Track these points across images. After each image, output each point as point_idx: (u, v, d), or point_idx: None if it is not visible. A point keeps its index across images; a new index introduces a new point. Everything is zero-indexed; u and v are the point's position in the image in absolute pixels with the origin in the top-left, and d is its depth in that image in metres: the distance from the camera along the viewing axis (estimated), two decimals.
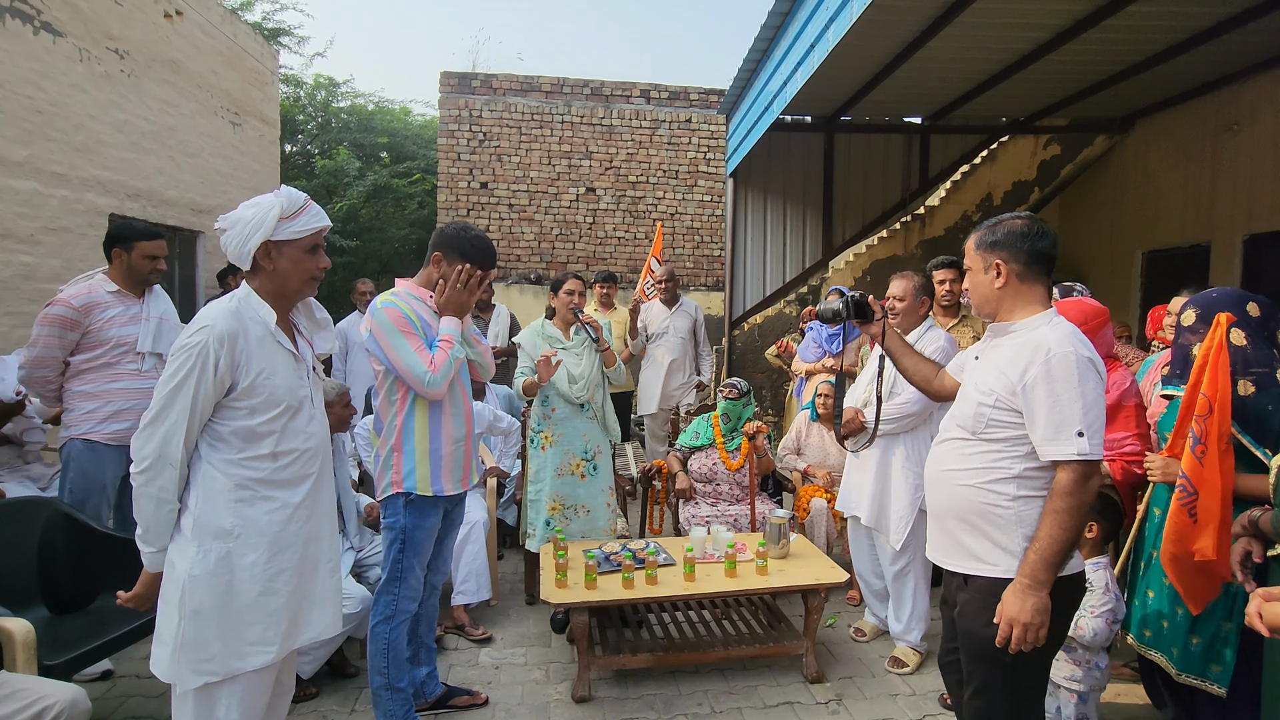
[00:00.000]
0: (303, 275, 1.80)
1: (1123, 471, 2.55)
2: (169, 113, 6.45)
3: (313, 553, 1.82)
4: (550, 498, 3.43)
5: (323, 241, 1.84)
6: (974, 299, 1.90)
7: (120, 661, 2.92)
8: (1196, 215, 6.42)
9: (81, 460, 2.91)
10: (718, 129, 8.63)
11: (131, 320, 2.99)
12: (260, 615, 1.70)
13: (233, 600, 1.67)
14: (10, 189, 4.79)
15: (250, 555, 1.69)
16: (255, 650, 1.70)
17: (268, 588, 1.71)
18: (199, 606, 1.65)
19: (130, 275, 3.00)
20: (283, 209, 1.73)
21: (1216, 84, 6.10)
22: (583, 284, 3.49)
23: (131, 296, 3.02)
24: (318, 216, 1.80)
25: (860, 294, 2.24)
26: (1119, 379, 2.59)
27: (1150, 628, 2.31)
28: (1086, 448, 1.62)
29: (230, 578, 1.67)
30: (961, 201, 8.19)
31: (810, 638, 2.95)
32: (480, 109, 8.34)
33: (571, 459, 3.44)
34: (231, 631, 1.67)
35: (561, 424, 3.44)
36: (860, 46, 4.98)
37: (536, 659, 3.10)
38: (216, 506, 1.68)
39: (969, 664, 1.85)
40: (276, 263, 1.76)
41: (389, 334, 2.28)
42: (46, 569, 2.60)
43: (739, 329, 7.88)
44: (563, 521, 3.43)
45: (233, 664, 1.68)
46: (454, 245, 2.39)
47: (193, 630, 1.64)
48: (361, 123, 12.39)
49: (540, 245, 8.57)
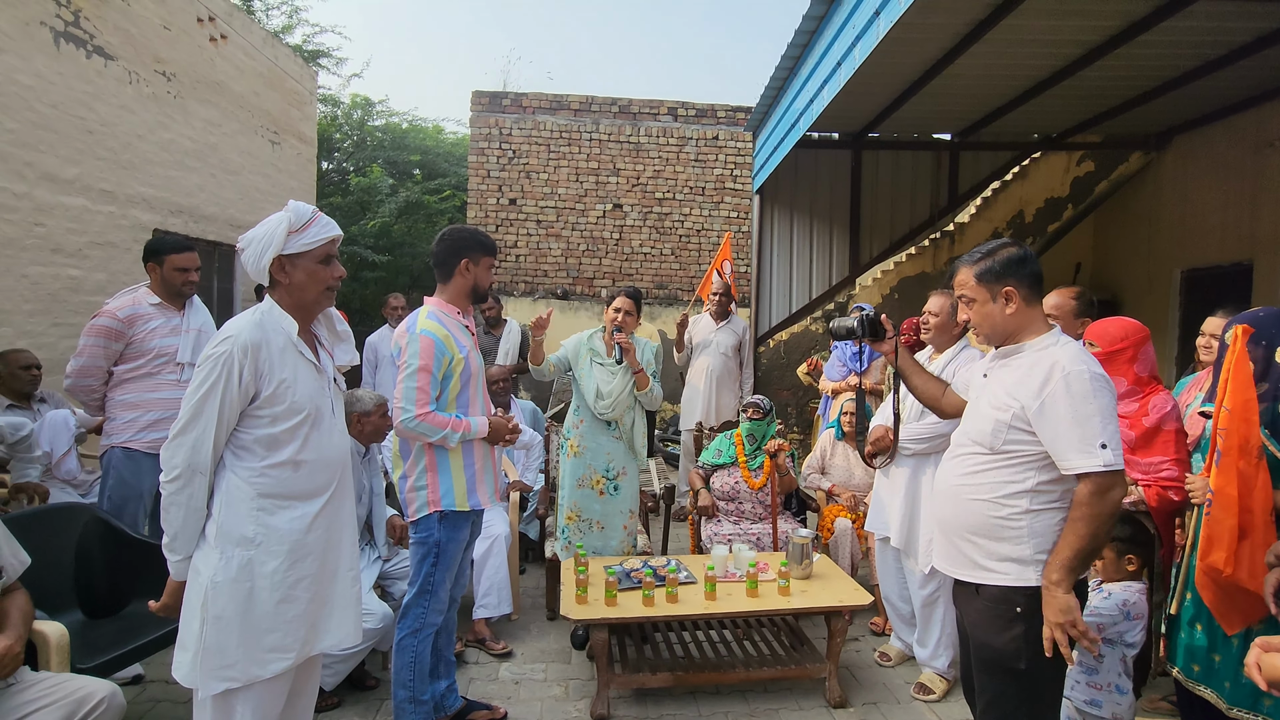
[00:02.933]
0: (319, 285, 1.84)
1: (1158, 498, 2.46)
2: (211, 132, 6.68)
3: (331, 561, 1.85)
4: (569, 506, 3.44)
5: (336, 251, 1.88)
6: (984, 329, 1.93)
7: (151, 666, 2.98)
8: (1238, 233, 6.25)
9: (121, 468, 3.01)
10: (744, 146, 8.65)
11: (172, 331, 3.10)
12: (279, 622, 1.73)
13: (253, 607, 1.71)
14: (61, 205, 4.99)
15: (271, 563, 1.73)
16: (274, 657, 1.73)
17: (288, 595, 1.74)
18: (221, 613, 1.68)
19: (165, 287, 3.12)
20: (290, 223, 1.78)
21: (1256, 99, 5.95)
22: (633, 303, 3.38)
23: (172, 309, 3.14)
24: (327, 227, 1.84)
25: (874, 312, 2.26)
26: (1160, 402, 2.51)
27: (1199, 662, 2.22)
28: (1111, 459, 1.66)
29: (251, 585, 1.71)
30: (992, 219, 8.08)
31: (833, 661, 2.90)
32: (510, 127, 8.48)
33: (593, 474, 3.44)
34: (252, 638, 1.70)
35: (587, 437, 3.45)
36: (888, 64, 4.97)
37: (556, 675, 3.10)
38: (239, 514, 1.72)
39: (981, 675, 1.86)
40: (292, 275, 1.81)
41: (410, 359, 2.32)
42: (82, 574, 2.68)
43: (765, 345, 7.84)
44: (576, 534, 3.43)
45: (253, 671, 1.71)
46: (474, 245, 2.45)
47: (214, 636, 1.68)
48: (395, 141, 12.68)
49: (567, 261, 8.65)
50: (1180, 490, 2.44)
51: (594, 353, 3.46)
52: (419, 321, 2.37)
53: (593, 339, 3.49)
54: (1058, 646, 1.71)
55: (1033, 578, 1.74)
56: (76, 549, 2.68)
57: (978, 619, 1.85)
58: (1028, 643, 1.75)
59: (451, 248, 2.45)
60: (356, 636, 1.93)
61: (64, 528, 2.69)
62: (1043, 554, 1.75)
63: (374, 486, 3.09)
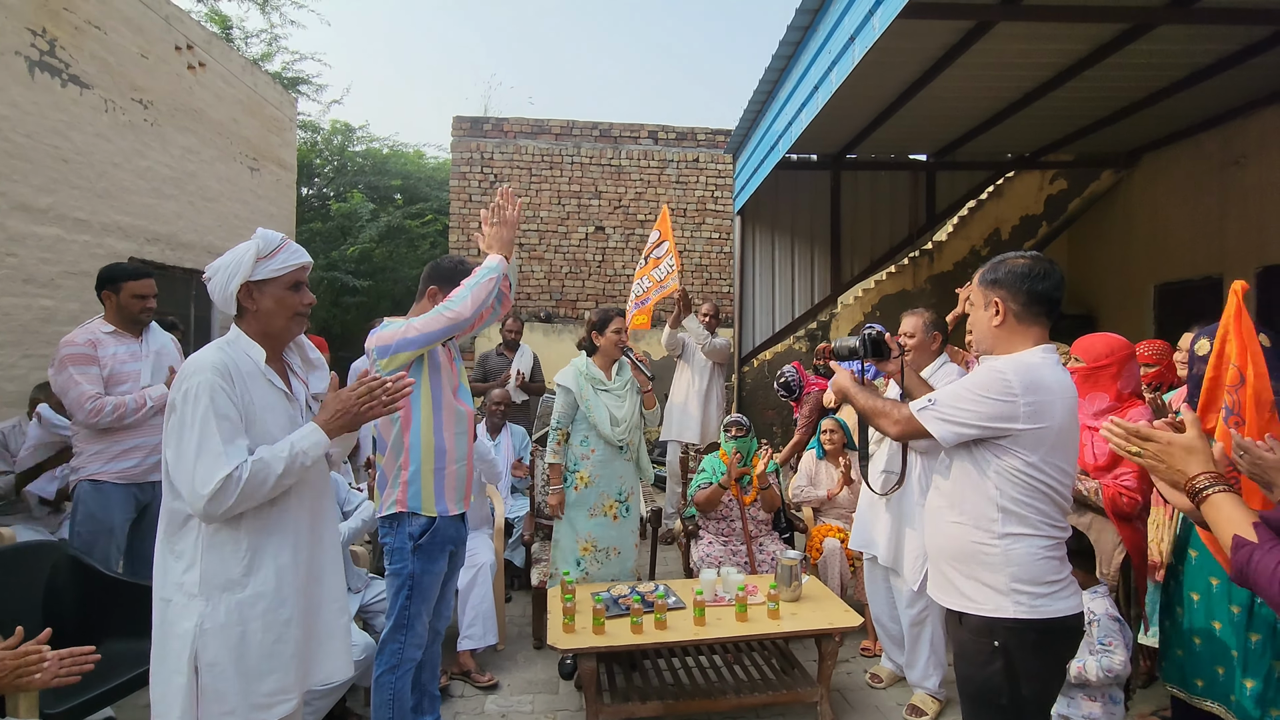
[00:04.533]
0: (286, 312, 1.79)
1: (1112, 501, 2.51)
2: (189, 159, 6.64)
3: (317, 593, 1.80)
4: (584, 539, 3.36)
5: (305, 279, 1.84)
6: (975, 335, 1.93)
7: (122, 709, 2.88)
8: (1207, 248, 6.40)
9: (89, 503, 2.92)
10: (725, 168, 8.75)
11: (132, 358, 3.04)
12: (277, 664, 1.68)
13: (248, 651, 1.65)
14: (34, 235, 4.91)
15: (261, 604, 1.67)
16: (278, 700, 1.68)
17: (281, 635, 1.69)
18: (214, 660, 1.62)
19: (122, 315, 3.05)
20: (258, 250, 1.75)
21: (1221, 118, 6.14)
22: (623, 320, 3.44)
23: (129, 336, 3.07)
24: (296, 254, 1.80)
25: (878, 331, 2.22)
26: (1136, 415, 2.55)
27: (1202, 676, 2.19)
28: (924, 406, 1.80)
29: (243, 629, 1.64)
30: (969, 236, 8.23)
31: (825, 684, 2.87)
32: (491, 151, 8.51)
33: (606, 500, 3.39)
34: (250, 683, 1.64)
35: (600, 466, 3.37)
36: (864, 87, 5.07)
37: (544, 706, 3.03)
38: (223, 557, 1.66)
39: (965, 705, 1.83)
40: (259, 302, 1.76)
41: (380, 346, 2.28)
42: (52, 614, 2.58)
43: (748, 365, 7.86)
44: (593, 565, 3.36)
45: (255, 716, 1.65)
46: (451, 277, 2.42)
47: (211, 681, 1.61)
48: (376, 166, 12.68)
49: (550, 283, 8.65)
50: (1133, 501, 2.50)
51: (595, 381, 3.39)
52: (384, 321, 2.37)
53: (589, 367, 3.41)
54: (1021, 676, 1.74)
55: (1009, 608, 1.70)
56: (46, 588, 2.59)
57: (960, 650, 1.82)
58: (1008, 679, 1.70)
59: (429, 275, 2.46)
60: (349, 669, 1.88)
61: (33, 566, 2.59)
62: (1019, 584, 1.69)
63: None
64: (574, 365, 3.43)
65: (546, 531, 4.19)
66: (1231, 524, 1.19)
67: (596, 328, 3.41)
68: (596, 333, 3.41)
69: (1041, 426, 1.69)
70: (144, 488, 3.03)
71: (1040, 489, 1.72)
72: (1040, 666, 1.72)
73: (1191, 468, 1.27)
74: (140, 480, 3.00)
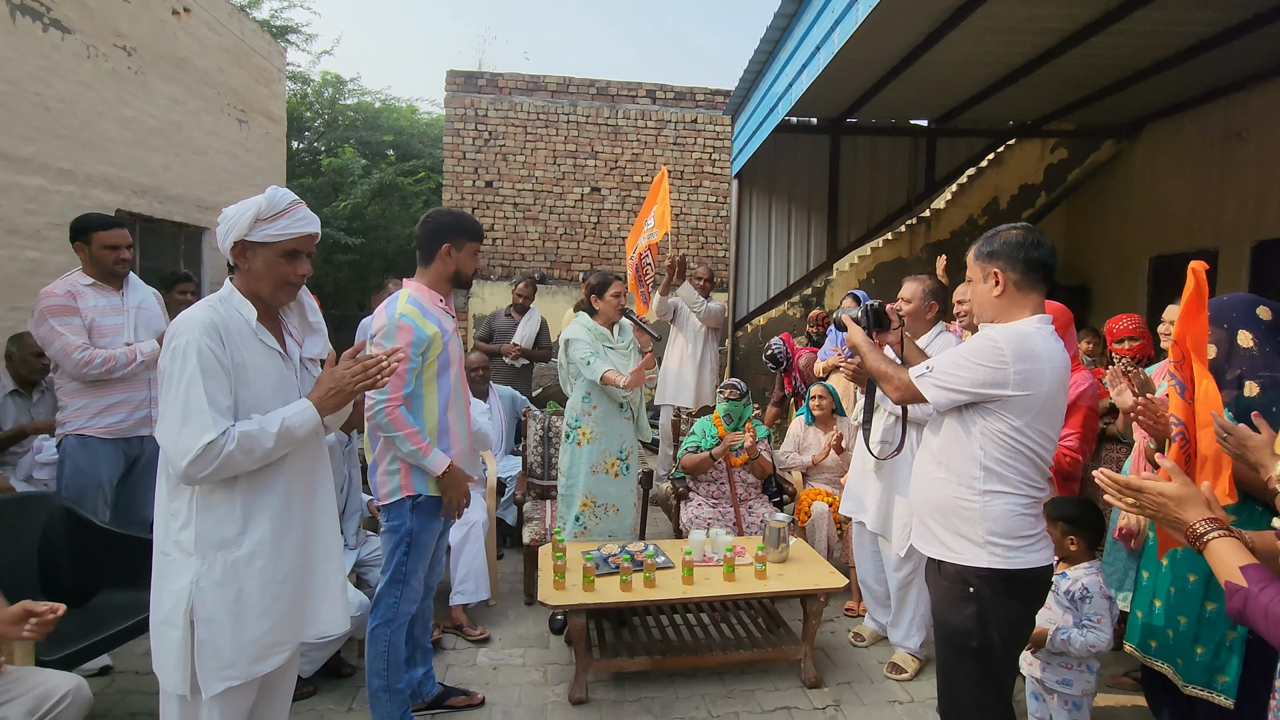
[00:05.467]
0: (275, 279, 1.71)
1: (1056, 462, 2.58)
2: (175, 110, 6.47)
3: (311, 550, 1.81)
4: (584, 494, 3.41)
5: (307, 248, 1.74)
6: (975, 308, 1.99)
7: (119, 658, 2.93)
8: (1204, 221, 6.39)
9: (76, 457, 2.91)
10: (723, 130, 8.62)
11: (114, 311, 2.99)
12: (273, 619, 1.70)
13: (245, 608, 1.66)
14: (17, 185, 4.81)
15: (257, 563, 1.67)
16: (273, 652, 1.71)
17: (278, 591, 1.70)
18: (211, 616, 1.63)
19: (96, 267, 2.99)
20: (259, 211, 1.67)
21: (1225, 90, 6.07)
22: (622, 284, 3.48)
23: (109, 289, 3.02)
24: (301, 222, 1.72)
25: (879, 303, 2.26)
26: (1079, 379, 2.73)
27: (1156, 638, 2.29)
28: (922, 373, 1.88)
29: (239, 587, 1.65)
30: (967, 205, 8.17)
31: (809, 642, 2.94)
32: (486, 108, 8.35)
33: (608, 457, 3.43)
34: (248, 637, 1.66)
35: (601, 422, 3.42)
36: (866, 49, 4.97)
37: (534, 660, 3.10)
38: (218, 518, 1.65)
39: (940, 650, 1.96)
40: (251, 263, 1.71)
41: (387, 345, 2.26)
42: (47, 564, 2.61)
43: (742, 330, 7.87)
44: (592, 520, 3.42)
45: (254, 668, 1.67)
46: (458, 230, 2.40)
47: (208, 637, 1.63)
48: (368, 121, 12.42)
49: (545, 245, 8.58)
50: (1074, 461, 2.68)
51: (603, 338, 3.43)
52: (399, 306, 2.32)
53: (596, 326, 3.45)
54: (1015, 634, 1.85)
55: (984, 558, 1.81)
56: (41, 539, 2.61)
57: (939, 597, 1.94)
58: (979, 623, 1.83)
59: (434, 231, 2.39)
60: (345, 623, 1.90)
61: (28, 518, 2.62)
62: (994, 537, 1.81)
63: (353, 476, 3.06)
64: (579, 323, 3.45)
65: (539, 491, 4.24)
66: (1226, 569, 1.24)
67: (596, 291, 3.43)
68: (596, 296, 3.43)
69: (1029, 394, 1.77)
70: (131, 442, 3.02)
71: (1023, 451, 1.81)
72: (1009, 612, 1.85)
73: (1188, 515, 1.30)
74: (128, 435, 2.99)
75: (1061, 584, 2.24)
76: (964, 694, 1.91)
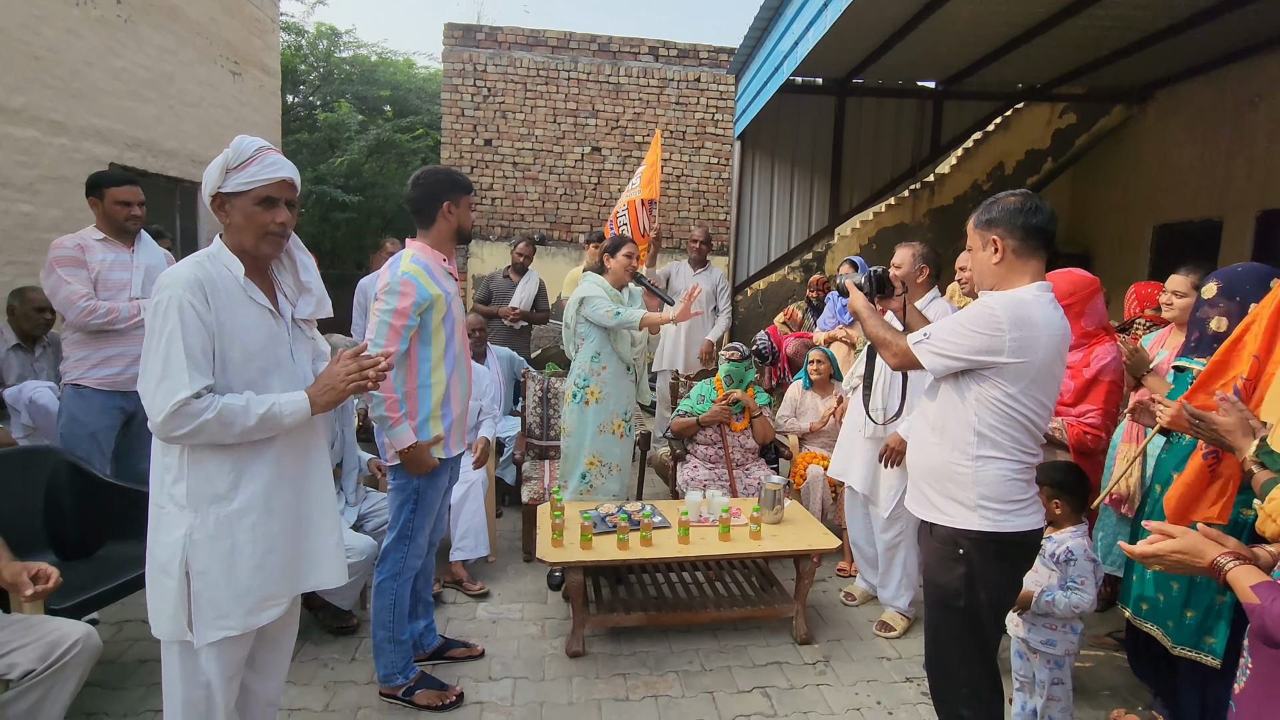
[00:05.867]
0: (255, 230, 1.68)
1: (1076, 438, 2.58)
2: (167, 60, 6.33)
3: (307, 508, 1.83)
4: (589, 453, 3.44)
5: (285, 195, 1.71)
6: (975, 275, 1.98)
7: (127, 607, 3.00)
8: (1211, 189, 6.33)
9: (72, 406, 2.97)
10: (727, 89, 8.45)
11: (122, 266, 3.04)
12: (267, 573, 1.72)
13: (238, 561, 1.68)
14: (9, 137, 4.74)
15: (249, 517, 1.69)
16: (268, 604, 1.74)
17: (271, 546, 1.73)
18: (205, 569, 1.65)
19: (109, 223, 3.04)
20: (226, 160, 1.64)
21: (1240, 54, 5.95)
22: (635, 247, 3.48)
23: (120, 244, 3.07)
24: (270, 167, 1.67)
25: (882, 269, 2.26)
26: (1102, 353, 2.60)
27: (1148, 602, 2.34)
28: (920, 340, 1.89)
29: (233, 540, 1.67)
30: (972, 170, 8.07)
31: (801, 601, 3.01)
32: (485, 63, 8.16)
33: (614, 418, 3.45)
34: (242, 591, 1.69)
35: (610, 383, 3.43)
36: (875, 7, 4.85)
37: (532, 614, 3.18)
38: (208, 472, 1.66)
39: (928, 609, 2.01)
40: (231, 216, 1.68)
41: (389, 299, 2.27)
42: (52, 517, 2.65)
43: (742, 294, 7.84)
44: (598, 479, 3.45)
45: (249, 620, 1.70)
46: (453, 186, 2.40)
47: (203, 589, 1.65)
48: (364, 75, 12.16)
49: (544, 205, 8.48)
50: (1096, 438, 2.57)
51: (617, 299, 3.43)
52: (402, 264, 2.32)
53: (608, 286, 3.45)
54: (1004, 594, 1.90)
55: (975, 522, 1.85)
56: (46, 492, 2.64)
57: (929, 557, 1.99)
58: (967, 584, 1.87)
59: (431, 191, 2.38)
60: (341, 577, 1.93)
61: (32, 471, 2.64)
62: (985, 501, 1.84)
63: (345, 434, 3.08)
64: (593, 281, 3.45)
65: (537, 451, 4.28)
66: (1244, 593, 1.32)
67: (609, 251, 3.46)
68: (608, 255, 3.45)
69: (1024, 361, 1.78)
70: (129, 396, 3.04)
71: (1016, 418, 1.82)
72: (997, 574, 1.89)
73: (1208, 555, 1.38)
74: (125, 388, 3.02)
75: (1048, 547, 2.28)
76: (950, 651, 1.97)
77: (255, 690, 1.93)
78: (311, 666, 2.70)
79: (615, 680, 2.69)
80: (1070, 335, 1.90)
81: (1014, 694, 2.39)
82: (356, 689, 2.58)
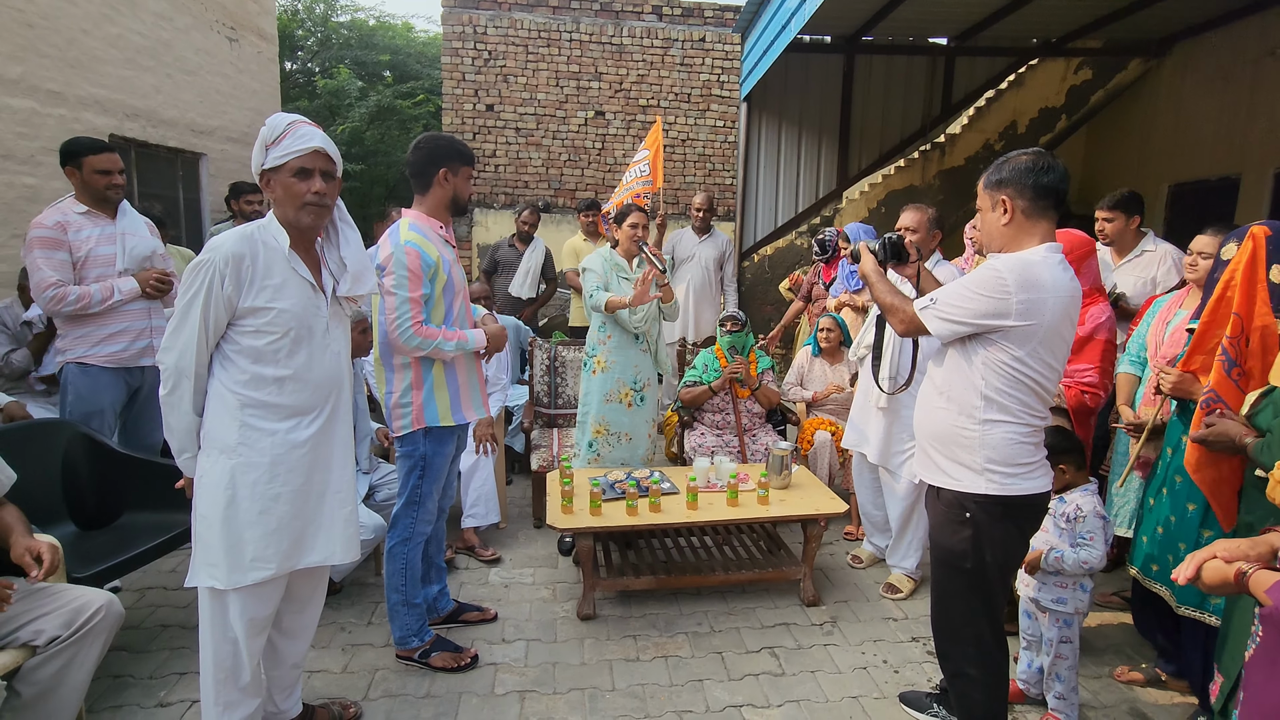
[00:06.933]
0: (293, 200, 1.78)
1: (1076, 399, 2.58)
2: (163, 27, 6.22)
3: (319, 480, 1.87)
4: (596, 421, 3.47)
5: (319, 165, 1.79)
6: (984, 237, 1.96)
7: (147, 575, 3.07)
8: (1229, 146, 6.18)
9: (78, 384, 2.91)
10: (733, 50, 8.25)
11: (107, 240, 2.92)
12: (259, 533, 1.78)
13: (234, 514, 1.76)
14: (8, 107, 4.69)
15: (252, 474, 1.76)
16: (254, 567, 1.78)
17: (267, 508, 1.78)
18: (205, 512, 1.77)
19: (89, 193, 2.91)
20: (264, 139, 1.77)
21: (1261, 5, 5.74)
22: (645, 216, 3.45)
23: (103, 216, 2.95)
24: (303, 138, 1.77)
25: (897, 236, 2.24)
26: (1096, 313, 2.62)
27: (1158, 562, 2.36)
28: (926, 305, 1.89)
29: (233, 493, 1.76)
30: (984, 129, 7.89)
31: (808, 564, 3.05)
32: (485, 25, 7.99)
33: (621, 387, 3.46)
34: (233, 544, 1.76)
35: (615, 352, 3.44)
36: None
37: (544, 579, 3.23)
38: (223, 421, 1.76)
39: (935, 570, 2.04)
40: (274, 191, 1.80)
41: (399, 272, 2.26)
42: (71, 488, 2.69)
43: (749, 260, 7.78)
44: (605, 447, 3.47)
45: (235, 577, 1.77)
46: (452, 154, 2.38)
47: (201, 530, 1.77)
48: (362, 39, 11.95)
49: (549, 171, 8.38)
50: (1096, 397, 2.57)
51: (619, 269, 3.43)
52: (401, 234, 2.30)
53: (614, 256, 3.45)
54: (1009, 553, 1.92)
55: (982, 485, 1.86)
56: (63, 464, 2.68)
57: (936, 520, 2.00)
58: (974, 545, 1.89)
59: (429, 157, 2.35)
60: (349, 554, 1.96)
61: (48, 443, 2.68)
62: (992, 464, 1.84)
63: (358, 402, 3.10)
64: (600, 253, 3.47)
65: (546, 419, 4.30)
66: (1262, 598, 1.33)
67: (615, 220, 3.46)
68: (615, 224, 3.46)
69: (1031, 323, 1.76)
70: (133, 372, 3.01)
71: (1023, 381, 1.82)
72: (1003, 536, 1.90)
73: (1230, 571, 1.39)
74: (130, 364, 2.98)
75: (1059, 508, 2.29)
76: (956, 611, 1.99)
77: (282, 651, 2.03)
78: (329, 630, 2.76)
79: (626, 641, 2.75)
80: (1080, 297, 1.88)
81: (1020, 652, 2.43)
82: (374, 651, 2.64)
